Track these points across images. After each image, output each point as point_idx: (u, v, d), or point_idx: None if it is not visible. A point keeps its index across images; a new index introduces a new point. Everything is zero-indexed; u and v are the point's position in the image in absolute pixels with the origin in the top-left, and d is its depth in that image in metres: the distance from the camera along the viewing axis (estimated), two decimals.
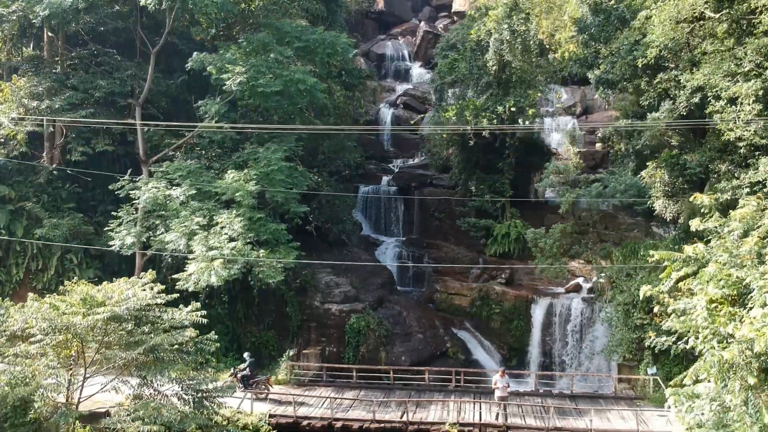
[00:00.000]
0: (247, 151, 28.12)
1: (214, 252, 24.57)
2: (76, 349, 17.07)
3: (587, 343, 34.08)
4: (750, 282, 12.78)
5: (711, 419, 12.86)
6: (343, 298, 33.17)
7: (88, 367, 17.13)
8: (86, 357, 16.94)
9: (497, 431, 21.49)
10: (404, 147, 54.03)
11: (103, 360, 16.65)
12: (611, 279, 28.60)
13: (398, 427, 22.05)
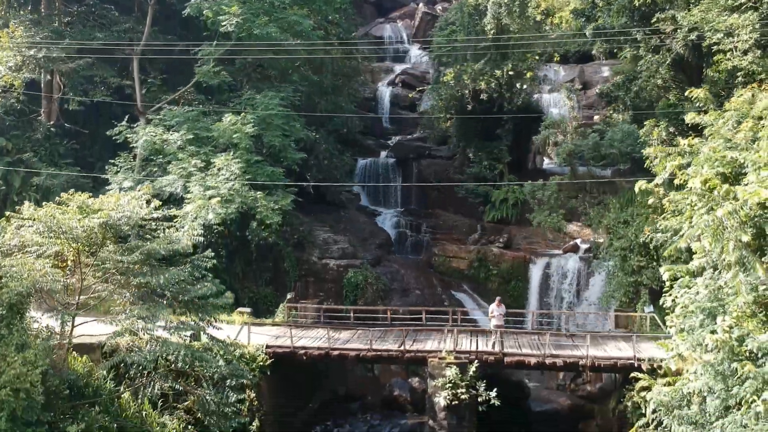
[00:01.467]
0: (245, 97, 28.15)
1: (211, 192, 24.54)
2: (73, 260, 17.01)
3: (584, 300, 34.09)
4: (744, 161, 12.79)
5: (705, 296, 12.85)
6: (341, 254, 33.17)
7: (84, 280, 17.06)
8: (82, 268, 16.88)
9: (493, 358, 21.40)
10: (403, 125, 54.01)
11: (99, 269, 16.57)
12: (609, 227, 28.56)
13: (394, 355, 21.99)
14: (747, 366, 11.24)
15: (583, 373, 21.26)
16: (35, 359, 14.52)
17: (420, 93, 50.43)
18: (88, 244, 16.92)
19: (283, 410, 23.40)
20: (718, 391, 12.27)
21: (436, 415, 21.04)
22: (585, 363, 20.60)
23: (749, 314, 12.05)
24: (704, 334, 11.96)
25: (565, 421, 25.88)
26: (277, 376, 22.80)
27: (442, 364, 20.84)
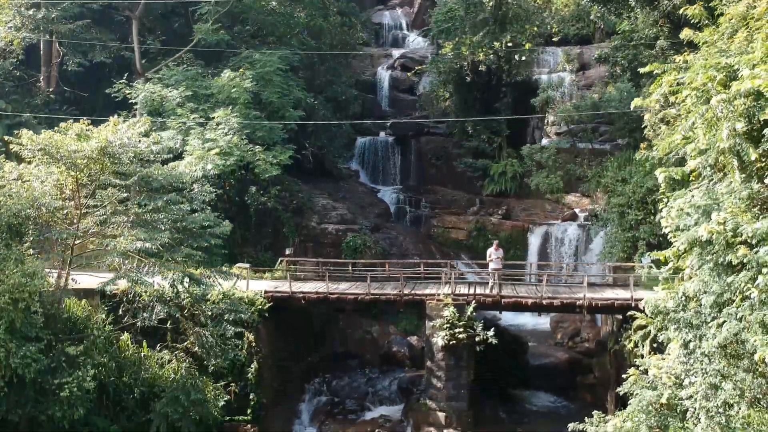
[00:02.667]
0: (243, 55, 28.24)
1: (209, 144, 24.62)
2: (71, 188, 17.08)
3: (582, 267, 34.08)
4: (738, 65, 12.83)
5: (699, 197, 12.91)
6: (340, 220, 33.25)
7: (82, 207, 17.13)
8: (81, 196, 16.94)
9: (491, 300, 21.43)
10: (402, 107, 54.07)
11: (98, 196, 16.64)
12: (607, 186, 28.62)
13: (392, 299, 22.02)
14: (741, 250, 11.27)
15: (581, 313, 21.07)
16: (34, 273, 14.56)
17: (419, 74, 50.46)
18: (86, 173, 16.97)
19: (281, 356, 23.42)
20: (714, 285, 12.30)
21: (434, 356, 21.07)
22: (582, 303, 20.60)
23: (743, 209, 12.09)
24: (699, 229, 11.98)
25: (563, 374, 25.91)
26: (276, 323, 22.86)
27: (440, 306, 20.87)
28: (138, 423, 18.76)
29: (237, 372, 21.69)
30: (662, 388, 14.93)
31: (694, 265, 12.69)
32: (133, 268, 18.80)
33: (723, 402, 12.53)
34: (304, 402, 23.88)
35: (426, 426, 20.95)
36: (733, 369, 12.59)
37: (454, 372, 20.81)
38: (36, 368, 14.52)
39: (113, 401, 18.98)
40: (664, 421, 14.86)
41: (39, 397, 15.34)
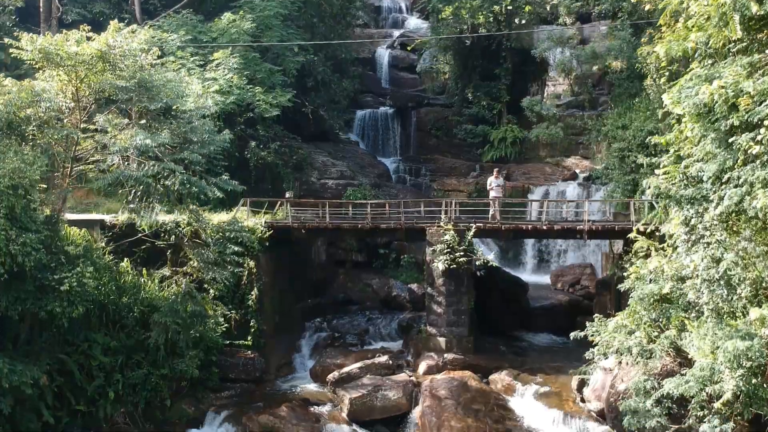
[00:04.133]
0: (243, 1, 28.29)
1: (209, 82, 24.62)
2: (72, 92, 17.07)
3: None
4: None
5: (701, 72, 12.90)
6: (340, 176, 33.28)
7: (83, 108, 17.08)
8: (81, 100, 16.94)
9: (491, 226, 21.40)
10: (401, 85, 54.21)
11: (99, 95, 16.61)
12: (608, 134, 28.63)
13: (393, 227, 21.99)
14: (743, 103, 11.25)
15: (581, 237, 20.98)
16: (34, 160, 14.53)
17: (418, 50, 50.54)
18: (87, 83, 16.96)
19: (282, 293, 23.38)
20: (716, 155, 12.28)
21: (434, 282, 21.02)
22: (583, 228, 20.56)
23: (745, 76, 12.08)
24: (700, 91, 11.96)
25: (563, 315, 25.79)
26: (277, 260, 22.86)
27: (440, 232, 20.81)
28: (137, 340, 18.75)
29: (237, 301, 21.66)
30: (663, 282, 14.90)
31: (696, 135, 12.65)
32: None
33: (725, 271, 12.48)
34: (304, 338, 23.80)
35: (426, 351, 20.87)
36: (735, 239, 12.56)
37: (455, 297, 20.75)
38: (36, 257, 14.45)
39: (112, 320, 18.96)
40: (665, 313, 14.82)
41: (39, 294, 15.26)
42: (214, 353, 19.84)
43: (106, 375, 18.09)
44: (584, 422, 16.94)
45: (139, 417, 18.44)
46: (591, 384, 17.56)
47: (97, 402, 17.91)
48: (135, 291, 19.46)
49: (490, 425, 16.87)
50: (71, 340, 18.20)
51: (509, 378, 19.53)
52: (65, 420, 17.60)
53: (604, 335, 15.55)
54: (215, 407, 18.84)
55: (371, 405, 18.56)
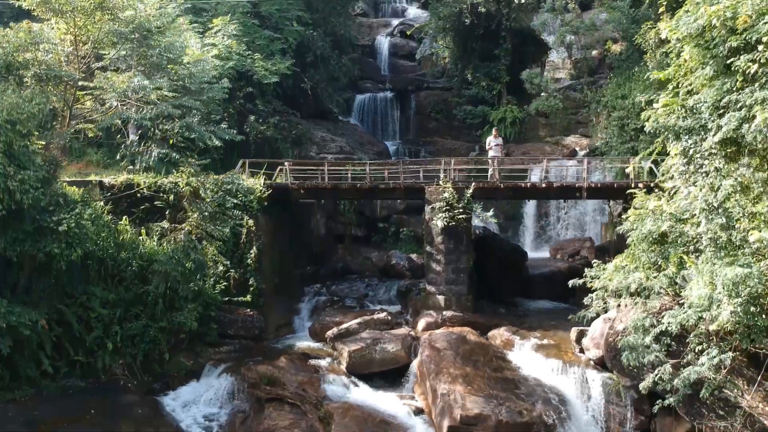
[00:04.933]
0: None
1: (208, 47, 24.64)
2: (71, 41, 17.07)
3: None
4: None
5: None
6: (339, 151, 33.26)
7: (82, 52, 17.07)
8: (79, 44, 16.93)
9: (489, 186, 21.39)
10: (401, 72, 54.26)
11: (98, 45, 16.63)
12: (607, 105, 28.66)
13: (392, 186, 21.98)
14: (741, 18, 11.25)
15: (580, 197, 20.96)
16: (32, 96, 14.52)
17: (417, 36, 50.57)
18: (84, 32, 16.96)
19: (281, 256, 23.38)
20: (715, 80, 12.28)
21: (433, 240, 21.00)
22: (582, 185, 20.55)
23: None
24: (699, 14, 11.96)
25: (562, 282, 25.55)
26: (276, 222, 22.86)
27: (439, 189, 20.80)
28: (136, 293, 18.70)
29: (236, 260, 21.63)
30: (662, 221, 14.88)
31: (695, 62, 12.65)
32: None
33: (724, 199, 12.48)
34: (303, 302, 23.76)
35: (425, 310, 20.84)
36: (733, 166, 12.56)
37: (454, 255, 20.73)
38: (34, 196, 14.44)
39: (111, 275, 18.92)
40: (664, 252, 14.79)
41: (37, 236, 15.24)
42: (213, 309, 19.79)
43: (105, 327, 18.03)
44: (583, 370, 16.90)
45: (137, 369, 18.38)
46: (590, 333, 17.53)
47: (96, 353, 17.83)
48: (134, 246, 19.42)
49: (489, 373, 16.82)
50: (70, 293, 18.15)
51: (508, 333, 19.49)
52: (64, 370, 17.55)
53: (602, 278, 15.51)
54: (213, 361, 18.78)
55: (370, 358, 18.51)
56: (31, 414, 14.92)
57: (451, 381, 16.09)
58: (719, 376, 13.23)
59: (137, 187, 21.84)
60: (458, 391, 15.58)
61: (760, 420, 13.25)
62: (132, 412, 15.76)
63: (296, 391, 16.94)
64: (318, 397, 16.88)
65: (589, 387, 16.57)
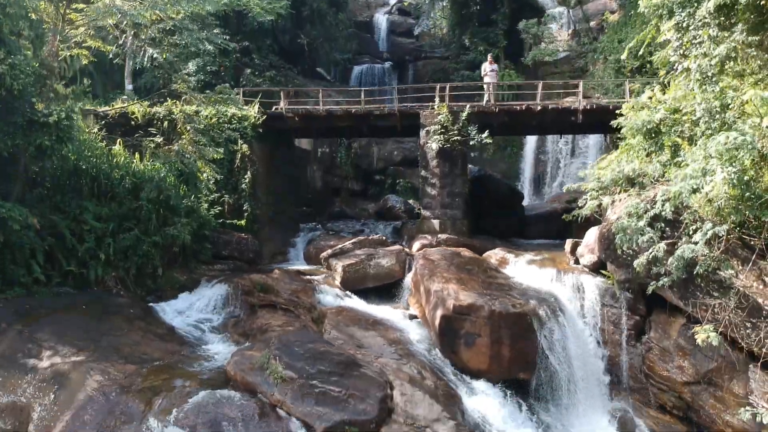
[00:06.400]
0: None
1: None
2: None
3: (580, 155, 34.01)
4: None
5: None
6: (336, 104, 33.11)
7: None
8: None
9: (484, 110, 21.32)
10: (399, 50, 54.31)
11: None
12: (604, 50, 28.63)
13: (387, 113, 21.92)
14: None
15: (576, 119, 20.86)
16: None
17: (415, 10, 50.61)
18: None
19: (276, 189, 23.29)
20: None
21: (429, 164, 20.92)
22: (577, 107, 20.48)
23: None
24: None
25: (559, 222, 25.57)
26: (270, 152, 22.78)
27: (434, 113, 20.74)
28: (129, 208, 18.60)
29: (231, 187, 21.59)
30: (657, 111, 14.83)
31: None
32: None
33: (718, 66, 12.42)
34: (299, 237, 23.65)
35: (420, 234, 20.73)
36: (726, 33, 12.51)
37: (449, 179, 20.65)
38: (25, 81, 14.35)
39: (104, 192, 18.85)
40: (658, 141, 14.74)
41: (28, 130, 15.17)
42: (207, 228, 19.71)
43: (97, 240, 17.91)
44: (577, 276, 16.78)
45: (130, 282, 18.27)
46: (584, 242, 17.45)
47: (88, 264, 17.70)
48: (127, 166, 19.37)
49: (483, 279, 16.71)
50: (63, 208, 18.07)
51: (503, 252, 19.41)
52: (56, 280, 17.40)
53: (597, 171, 15.44)
54: (207, 277, 18.67)
55: (364, 273, 18.40)
56: (22, 307, 14.80)
57: (445, 281, 15.98)
58: (714, 254, 13.12)
59: (131, 115, 21.83)
60: (452, 288, 15.47)
61: (754, 298, 13.14)
62: (124, 311, 15.65)
63: (290, 298, 16.83)
64: (312, 303, 16.75)
65: (583, 291, 16.45)
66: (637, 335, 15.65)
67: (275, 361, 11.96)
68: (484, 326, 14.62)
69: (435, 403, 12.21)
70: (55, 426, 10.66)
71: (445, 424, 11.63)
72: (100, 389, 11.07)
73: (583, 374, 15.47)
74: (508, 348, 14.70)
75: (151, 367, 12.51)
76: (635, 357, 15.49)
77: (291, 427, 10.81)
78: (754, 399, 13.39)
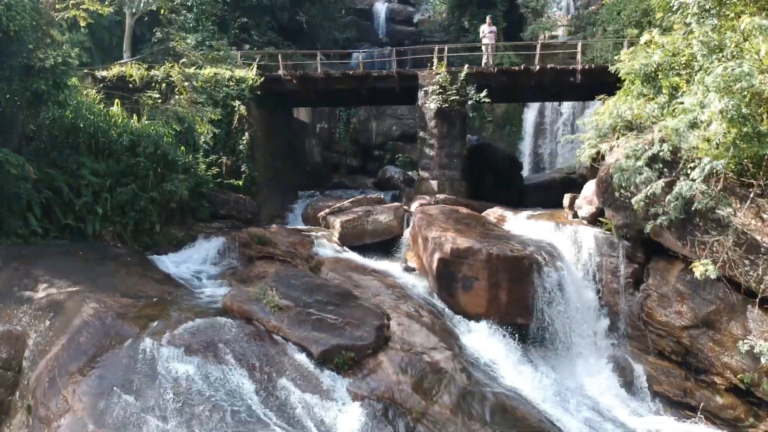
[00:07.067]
0: None
1: None
2: None
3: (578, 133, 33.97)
4: None
5: None
6: None
7: None
8: None
9: (482, 71, 21.29)
10: (398, 36, 54.33)
11: None
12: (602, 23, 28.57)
13: (385, 74, 21.90)
14: None
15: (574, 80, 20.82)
16: None
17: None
18: None
19: (274, 154, 23.28)
20: None
21: (427, 124, 20.90)
22: (576, 68, 20.47)
23: None
24: None
25: (558, 191, 25.57)
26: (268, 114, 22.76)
27: (432, 73, 20.72)
28: (127, 165, 18.55)
29: (229, 149, 21.56)
30: (654, 54, 14.81)
31: None
32: None
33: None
34: (297, 204, 23.63)
35: (418, 195, 20.70)
36: None
37: (447, 140, 20.63)
38: (21, 23, 14.32)
39: (101, 150, 18.82)
40: (656, 84, 14.72)
41: (24, 75, 15.14)
42: (205, 187, 19.66)
43: (95, 194, 17.87)
44: (576, 228, 16.75)
45: (128, 237, 18.21)
46: (582, 194, 17.41)
47: (86, 218, 17.66)
48: (125, 124, 19.35)
49: (481, 230, 16.67)
50: (60, 164, 18.03)
51: (501, 210, 19.40)
52: (53, 234, 17.35)
53: (596, 117, 15.42)
54: (205, 234, 18.61)
55: (362, 228, 18.37)
56: (19, 252, 14.76)
57: (443, 230, 15.96)
58: (712, 192, 13.10)
59: (129, 78, 21.82)
60: (449, 235, 15.44)
61: (752, 235, 13.12)
62: (122, 258, 15.61)
63: (287, 250, 16.80)
64: (309, 254, 16.72)
65: (581, 241, 16.41)
66: (635, 283, 15.61)
67: (272, 291, 11.92)
68: (482, 270, 14.57)
69: (432, 335, 12.17)
70: (51, 350, 10.61)
71: (442, 352, 11.59)
72: (96, 315, 11.03)
73: (581, 321, 15.42)
74: (506, 292, 14.66)
75: (147, 301, 12.47)
76: (634, 304, 15.45)
77: (287, 350, 10.76)
78: (752, 339, 13.34)
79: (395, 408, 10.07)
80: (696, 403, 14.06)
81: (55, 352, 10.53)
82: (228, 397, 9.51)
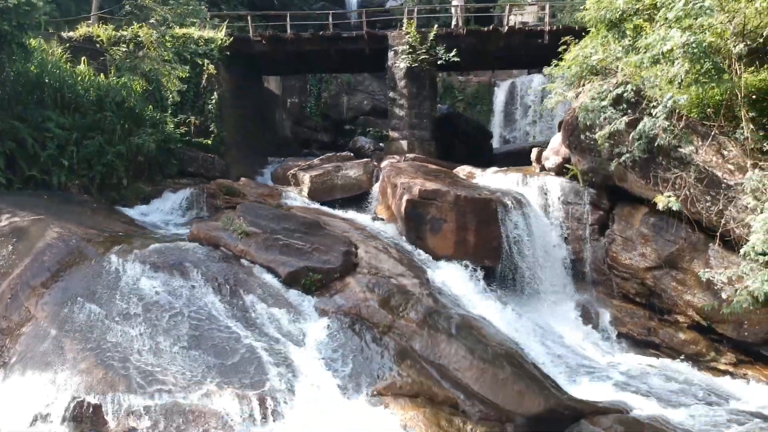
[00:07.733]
0: None
1: None
2: None
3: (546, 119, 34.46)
4: None
5: None
6: None
7: None
8: None
9: (452, 32, 21.44)
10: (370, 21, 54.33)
11: None
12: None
13: (356, 36, 21.94)
14: None
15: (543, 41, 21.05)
16: None
17: None
18: None
19: (244, 120, 23.15)
20: None
21: (396, 84, 20.98)
22: (544, 29, 20.72)
23: None
24: None
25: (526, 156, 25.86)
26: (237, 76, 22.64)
27: (402, 33, 20.82)
28: (94, 119, 18.34)
29: (197, 110, 21.42)
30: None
31: None
32: None
33: None
34: (266, 168, 23.54)
35: (388, 155, 20.76)
36: None
37: (417, 100, 20.73)
38: None
39: (67, 105, 18.57)
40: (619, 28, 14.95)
41: None
42: (173, 143, 19.50)
43: (60, 147, 17.62)
44: (543, 178, 16.95)
45: (95, 191, 17.98)
46: (549, 145, 17.65)
47: (51, 170, 17.41)
48: (92, 81, 19.12)
49: (450, 181, 16.81)
50: (24, 117, 17.75)
51: (470, 168, 19.53)
52: (17, 185, 17.07)
53: (562, 66, 15.64)
54: (172, 188, 18.46)
55: (332, 184, 18.37)
56: None
57: (412, 178, 16.04)
58: (674, 129, 13.36)
59: (96, 38, 21.56)
60: (418, 180, 15.54)
61: (713, 171, 13.41)
62: (88, 204, 15.43)
63: (256, 200, 16.72)
64: (279, 204, 16.67)
65: (547, 190, 16.63)
66: (600, 229, 15.87)
67: (239, 220, 11.89)
68: (449, 211, 14.68)
69: (399, 264, 12.24)
70: (13, 271, 10.45)
71: (409, 279, 11.66)
72: (60, 238, 10.91)
73: (548, 266, 15.62)
74: (473, 234, 14.79)
75: (112, 234, 12.34)
76: (599, 250, 15.70)
77: (255, 271, 10.75)
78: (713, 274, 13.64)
79: (362, 322, 10.11)
80: (659, 341, 14.34)
81: (18, 272, 10.38)
82: (194, 308, 9.47)
